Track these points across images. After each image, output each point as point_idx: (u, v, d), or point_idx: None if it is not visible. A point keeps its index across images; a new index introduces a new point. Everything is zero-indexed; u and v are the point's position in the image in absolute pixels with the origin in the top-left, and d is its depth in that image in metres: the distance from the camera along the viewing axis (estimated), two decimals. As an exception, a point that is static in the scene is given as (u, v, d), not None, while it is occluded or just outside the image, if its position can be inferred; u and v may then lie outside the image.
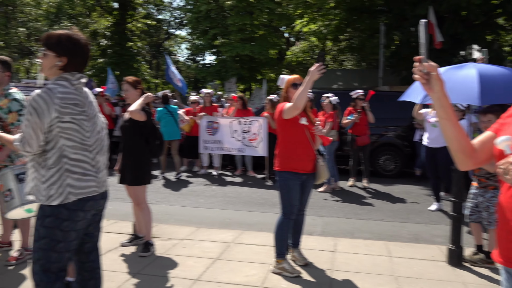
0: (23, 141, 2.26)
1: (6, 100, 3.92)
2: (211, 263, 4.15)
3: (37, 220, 2.37)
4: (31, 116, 2.23)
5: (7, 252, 4.32)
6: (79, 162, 2.36)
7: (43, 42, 2.37)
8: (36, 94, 2.24)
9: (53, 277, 2.35)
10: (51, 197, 2.30)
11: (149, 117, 4.37)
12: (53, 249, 2.33)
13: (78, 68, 2.39)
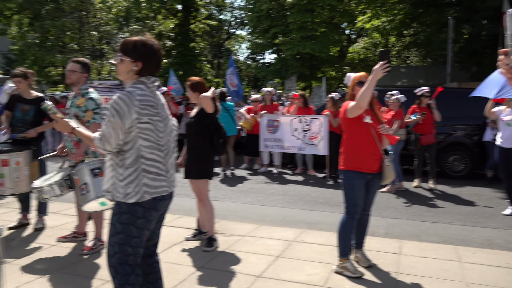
0: (102, 140, 2.37)
1: (83, 99, 4.19)
2: (273, 260, 4.17)
3: (114, 216, 2.48)
4: (113, 117, 2.34)
5: (82, 242, 4.61)
6: (154, 162, 2.46)
7: (119, 48, 2.50)
8: (118, 96, 2.37)
9: (128, 270, 2.47)
10: (128, 195, 2.41)
11: (215, 113, 4.48)
12: (129, 244, 2.45)
13: (152, 72, 2.51)
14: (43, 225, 5.11)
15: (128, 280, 2.47)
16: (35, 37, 22.19)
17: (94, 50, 21.83)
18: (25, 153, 4.68)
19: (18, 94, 5.01)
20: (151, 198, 2.45)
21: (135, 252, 2.49)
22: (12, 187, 4.67)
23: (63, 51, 20.98)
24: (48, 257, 4.20)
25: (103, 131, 2.38)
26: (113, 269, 2.48)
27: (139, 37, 2.50)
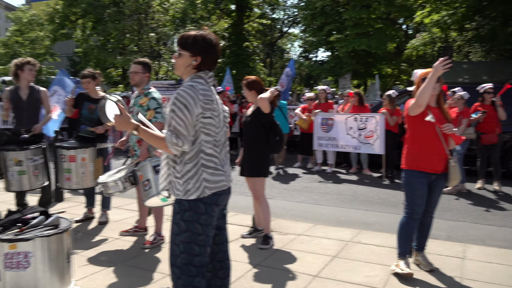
0: (176, 135, 2.27)
1: (146, 99, 4.34)
2: (329, 260, 4.12)
3: (176, 215, 2.42)
4: (181, 112, 2.28)
5: (143, 237, 4.79)
6: (212, 157, 2.42)
7: (178, 43, 2.47)
8: (182, 91, 2.32)
9: (194, 271, 2.38)
10: (189, 191, 2.37)
11: (271, 112, 4.49)
12: (195, 242, 2.38)
13: (210, 67, 2.47)
14: (106, 219, 5.36)
15: (192, 282, 2.39)
16: (97, 40, 23.34)
17: (152, 51, 22.59)
18: (90, 150, 4.93)
19: (86, 93, 5.29)
20: (212, 193, 2.40)
21: (201, 252, 2.41)
22: (78, 182, 4.94)
23: (123, 53, 21.92)
24: (112, 250, 4.40)
25: (173, 126, 2.28)
26: (178, 269, 2.40)
27: (199, 31, 2.46)
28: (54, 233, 3.13)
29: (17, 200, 5.37)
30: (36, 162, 5.07)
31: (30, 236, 3.02)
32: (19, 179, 4.99)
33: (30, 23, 27.49)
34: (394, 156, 8.60)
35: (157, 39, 22.53)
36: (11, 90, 5.25)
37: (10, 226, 3.18)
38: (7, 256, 2.99)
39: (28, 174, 5.02)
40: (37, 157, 5.08)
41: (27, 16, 27.74)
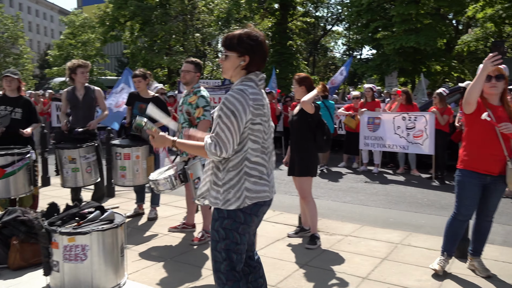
0: (218, 144, 2.19)
1: (195, 97, 4.42)
2: (378, 262, 4.03)
3: (215, 221, 2.37)
4: (228, 119, 2.18)
5: (191, 233, 4.88)
6: (257, 165, 2.31)
7: (223, 44, 2.37)
8: (230, 96, 2.21)
9: (237, 276, 2.37)
10: (228, 201, 2.28)
11: (317, 112, 4.45)
12: (234, 251, 2.34)
13: (259, 66, 2.36)
14: (155, 215, 5.50)
15: (239, 287, 2.36)
16: (144, 41, 24.02)
17: (197, 51, 22.99)
18: (144, 148, 5.07)
19: (137, 93, 5.45)
20: (252, 203, 2.30)
21: (240, 259, 2.38)
22: (131, 179, 5.11)
23: (169, 53, 22.43)
24: (161, 245, 4.51)
25: (217, 136, 2.19)
26: (223, 275, 2.36)
27: (243, 30, 2.34)
28: (109, 228, 3.25)
29: (73, 195, 5.62)
30: (88, 159, 5.27)
31: (87, 230, 3.16)
32: (73, 176, 5.22)
33: (82, 26, 28.70)
34: (445, 157, 8.31)
35: (202, 39, 22.88)
36: (68, 91, 5.50)
37: (68, 220, 3.33)
38: (66, 249, 3.13)
39: (81, 171, 5.24)
40: (90, 155, 5.29)
41: (79, 20, 28.97)
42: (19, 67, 30.18)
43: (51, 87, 25.60)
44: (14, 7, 52.45)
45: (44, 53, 46.81)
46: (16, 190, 4.79)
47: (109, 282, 3.29)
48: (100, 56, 28.30)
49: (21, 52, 32.08)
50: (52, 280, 3.28)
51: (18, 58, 31.73)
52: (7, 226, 3.79)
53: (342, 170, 9.47)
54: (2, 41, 31.01)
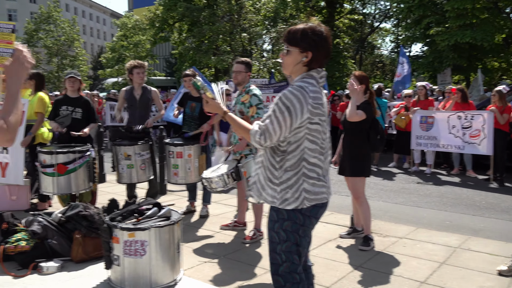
0: (264, 135, 2.14)
1: (247, 96, 4.45)
2: (437, 266, 3.88)
3: (274, 223, 2.30)
4: (281, 114, 2.12)
5: (242, 231, 4.91)
6: (315, 167, 2.23)
7: (285, 39, 2.26)
8: (289, 92, 2.14)
9: (298, 279, 2.31)
10: (287, 200, 2.21)
11: (370, 111, 4.34)
12: (296, 253, 2.28)
13: (321, 63, 2.25)
14: (207, 213, 5.59)
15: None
16: (192, 42, 24.50)
17: (244, 50, 23.15)
18: (196, 147, 5.17)
19: (188, 93, 5.56)
20: (311, 205, 2.23)
21: (300, 262, 2.31)
22: (184, 177, 5.21)
23: (216, 53, 22.74)
24: (214, 243, 4.58)
25: (266, 125, 2.14)
26: (282, 278, 2.29)
27: (307, 24, 2.23)
28: (166, 224, 3.33)
29: (128, 192, 5.81)
30: (143, 157, 5.43)
31: (147, 226, 3.25)
32: (128, 172, 5.40)
33: (134, 28, 29.72)
34: (504, 157, 7.90)
35: (249, 39, 23.02)
36: (126, 90, 5.70)
37: (128, 216, 3.45)
38: (126, 244, 3.24)
39: (136, 168, 5.40)
40: (144, 152, 5.45)
41: (131, 22, 30.03)
42: (75, 68, 31.67)
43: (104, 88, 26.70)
44: (70, 11, 55.04)
45: (97, 55, 48.89)
46: (77, 186, 5.02)
47: (166, 278, 3.37)
48: (150, 57, 29.16)
49: (76, 54, 33.65)
50: (112, 274, 3.41)
51: (74, 60, 33.32)
52: (70, 220, 3.98)
53: (393, 170, 9.23)
54: (60, 44, 32.67)
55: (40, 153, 4.94)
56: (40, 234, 3.81)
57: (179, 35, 25.91)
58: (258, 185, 2.33)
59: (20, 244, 3.76)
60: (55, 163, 4.84)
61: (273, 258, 2.32)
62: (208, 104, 2.37)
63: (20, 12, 52.24)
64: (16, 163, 5.43)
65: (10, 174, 5.39)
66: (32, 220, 3.97)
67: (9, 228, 3.96)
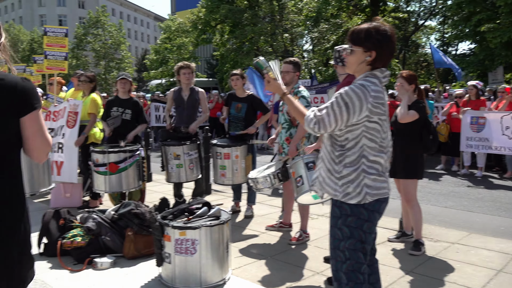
0: (318, 124, 2.19)
1: (295, 97, 4.42)
2: (494, 274, 3.71)
3: (337, 219, 2.31)
4: (338, 108, 2.15)
5: (288, 232, 4.89)
6: (375, 164, 2.25)
7: (349, 38, 2.28)
8: (351, 89, 2.17)
9: (361, 278, 2.29)
10: (348, 194, 2.23)
11: (422, 111, 4.21)
12: (361, 250, 2.27)
13: (385, 62, 2.26)
14: (252, 213, 5.61)
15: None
16: (233, 43, 24.73)
17: (286, 51, 23.12)
18: (242, 148, 5.20)
19: (234, 93, 5.61)
20: (373, 200, 2.24)
21: (365, 260, 2.30)
22: (230, 178, 5.26)
23: (258, 54, 22.81)
24: (260, 243, 4.59)
25: (322, 116, 2.19)
26: (344, 276, 2.29)
27: (371, 24, 2.25)
28: (216, 224, 3.37)
29: (175, 191, 5.92)
30: (191, 156, 5.52)
31: (197, 225, 3.29)
32: (177, 172, 5.50)
33: (177, 30, 30.38)
34: None
35: (291, 39, 22.97)
36: (174, 91, 5.82)
37: (179, 215, 3.51)
38: (178, 242, 3.30)
39: (184, 167, 5.49)
40: (193, 152, 5.53)
41: (175, 25, 30.71)
42: (121, 71, 32.75)
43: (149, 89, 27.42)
44: (116, 16, 56.97)
45: (141, 57, 50.29)
46: (127, 185, 5.18)
47: (215, 277, 3.41)
48: (192, 59, 29.70)
49: (122, 57, 34.80)
50: (163, 271, 3.48)
51: (120, 62, 34.48)
52: (123, 218, 4.10)
53: (440, 173, 8.93)
54: (107, 47, 33.89)
55: (93, 152, 5.13)
56: (95, 230, 3.96)
57: (220, 37, 26.23)
58: (320, 179, 2.37)
59: (76, 239, 3.92)
60: (107, 162, 5.02)
61: (336, 255, 2.32)
62: (270, 84, 2.52)
63: (70, 17, 54.67)
64: (70, 162, 5.67)
65: (65, 172, 5.63)
66: (87, 217, 4.13)
67: (66, 224, 4.14)
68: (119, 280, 3.58)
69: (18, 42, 43.87)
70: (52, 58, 6.73)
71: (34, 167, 3.45)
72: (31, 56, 34.52)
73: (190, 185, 6.28)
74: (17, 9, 59.05)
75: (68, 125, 5.70)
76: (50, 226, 4.11)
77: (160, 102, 14.26)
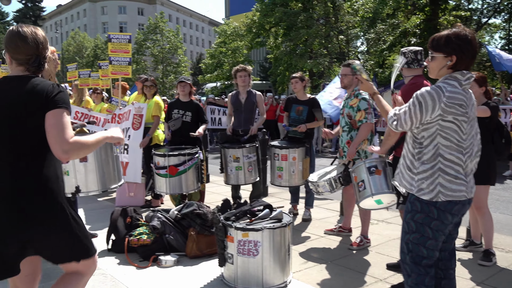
0: (396, 121, 2.43)
1: (356, 100, 4.35)
2: None
3: (407, 214, 2.49)
4: (413, 107, 2.34)
5: (348, 237, 4.81)
6: (452, 164, 2.36)
7: (430, 45, 2.43)
8: (425, 90, 2.32)
9: (422, 271, 2.44)
10: (422, 190, 2.38)
11: (495, 110, 3.99)
12: (424, 245, 2.42)
13: (467, 65, 2.38)
14: (309, 217, 5.56)
15: (423, 281, 2.43)
16: (287, 46, 24.71)
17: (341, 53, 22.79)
18: (301, 150, 5.18)
19: (294, 96, 5.59)
20: (446, 201, 2.35)
21: (429, 255, 2.44)
22: (287, 180, 5.25)
23: (312, 56, 22.68)
24: (319, 247, 4.54)
25: (400, 114, 2.42)
26: (408, 267, 2.48)
27: (451, 30, 2.39)
28: (279, 226, 3.37)
29: (233, 193, 6.00)
30: (250, 159, 5.56)
31: (260, 227, 3.31)
32: (236, 174, 5.56)
33: (232, 34, 30.85)
34: None
35: (346, 41, 22.61)
36: (232, 94, 5.91)
37: (241, 216, 3.55)
38: (240, 243, 3.34)
39: (243, 170, 5.54)
40: (251, 155, 5.58)
41: (230, 29, 31.21)
42: (178, 75, 33.71)
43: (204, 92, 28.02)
44: (173, 21, 58.82)
45: (196, 61, 51.56)
46: (187, 187, 5.30)
47: (277, 279, 3.41)
48: (247, 62, 30.03)
49: (179, 61, 35.82)
50: (225, 271, 3.53)
51: (176, 66, 35.52)
52: (185, 218, 4.21)
53: (509, 179, 8.42)
54: (165, 52, 35.06)
55: (154, 155, 5.31)
56: (159, 229, 4.09)
57: (274, 40, 26.31)
58: (400, 174, 2.54)
59: (142, 237, 4.07)
60: (167, 165, 5.16)
61: (401, 246, 2.53)
62: (363, 85, 3.00)
63: (130, 24, 57.17)
64: (135, 162, 5.90)
65: (130, 172, 5.87)
66: (152, 215, 4.28)
67: (132, 222, 4.31)
68: (183, 278, 3.67)
69: (83, 48, 46.46)
70: (116, 63, 7.03)
71: (105, 165, 3.63)
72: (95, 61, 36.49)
73: (247, 187, 6.33)
74: (82, 18, 62.60)
75: (134, 127, 5.94)
76: (118, 223, 4.29)
77: (215, 105, 14.53)
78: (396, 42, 19.55)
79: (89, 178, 3.61)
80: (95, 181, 3.63)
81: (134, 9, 59.58)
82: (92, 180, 3.62)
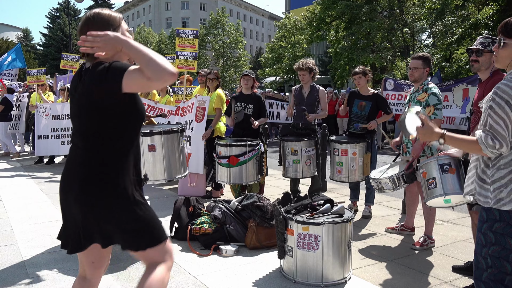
0: (494, 137, 2.04)
1: (424, 94, 4.19)
2: None
3: (483, 223, 2.18)
4: (501, 109, 2.02)
5: (410, 236, 4.66)
6: None
7: (501, 31, 2.17)
8: (503, 85, 2.05)
9: None
10: (501, 200, 2.08)
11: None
12: (507, 259, 2.08)
13: None
14: (370, 214, 5.45)
15: None
16: (348, 40, 24.20)
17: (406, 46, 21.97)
18: (361, 145, 5.09)
19: (356, 91, 5.49)
20: None
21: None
22: (347, 175, 5.19)
23: (374, 50, 22.06)
24: (379, 245, 4.44)
25: (491, 128, 2.04)
26: (484, 285, 2.16)
27: None
28: (339, 221, 3.34)
29: (292, 186, 6.01)
30: (308, 153, 5.55)
31: (320, 221, 3.30)
32: (294, 167, 5.57)
33: (292, 28, 30.76)
34: None
35: (411, 33, 21.74)
36: (296, 88, 5.92)
37: (302, 210, 3.56)
38: (300, 236, 3.35)
39: (301, 163, 5.54)
40: (310, 149, 5.56)
41: (291, 22, 31.14)
42: (238, 69, 34.18)
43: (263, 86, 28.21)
44: (233, 16, 59.57)
45: (256, 55, 51.93)
46: (247, 178, 5.37)
47: (336, 275, 3.39)
48: (307, 56, 29.81)
49: (239, 56, 36.30)
50: (285, 264, 3.56)
51: (237, 60, 36.02)
52: (246, 209, 4.29)
53: None
54: (226, 46, 35.67)
55: (217, 145, 5.44)
56: (220, 219, 4.19)
57: (335, 33, 25.86)
58: (474, 184, 2.26)
59: (203, 226, 4.19)
60: (229, 155, 5.27)
61: (477, 261, 2.20)
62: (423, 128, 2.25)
63: (192, 19, 58.63)
64: (197, 154, 6.09)
65: (192, 163, 6.06)
66: (214, 206, 4.40)
67: (195, 211, 4.46)
68: (242, 268, 3.74)
69: (148, 43, 48.29)
70: (183, 58, 7.26)
71: (171, 155, 3.77)
72: (159, 56, 37.87)
73: (306, 181, 6.32)
74: (147, 13, 65.08)
75: (197, 119, 6.12)
76: (181, 212, 4.45)
77: (274, 99, 14.58)
78: (465, 34, 18.48)
79: (156, 168, 3.77)
80: (162, 171, 3.79)
81: (196, 4, 61.03)
82: (159, 170, 3.78)
